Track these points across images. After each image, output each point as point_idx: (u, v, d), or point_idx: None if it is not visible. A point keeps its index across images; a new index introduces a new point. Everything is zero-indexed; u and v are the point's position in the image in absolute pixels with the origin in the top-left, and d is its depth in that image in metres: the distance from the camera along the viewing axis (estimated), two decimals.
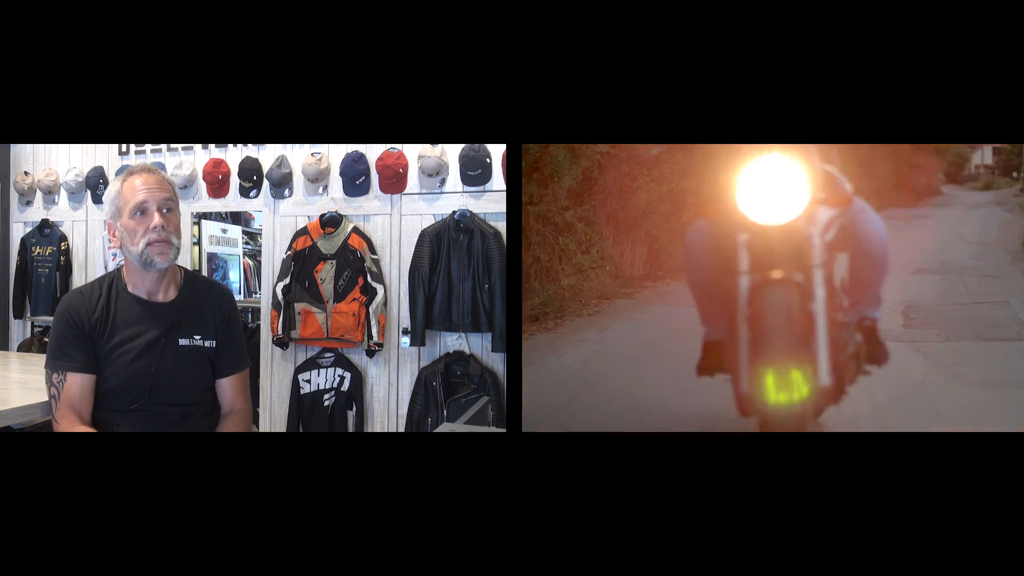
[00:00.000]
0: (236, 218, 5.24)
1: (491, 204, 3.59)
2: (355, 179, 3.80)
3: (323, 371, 3.87)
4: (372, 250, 3.76)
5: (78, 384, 1.89)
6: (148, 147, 4.46)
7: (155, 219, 1.87)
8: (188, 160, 4.27)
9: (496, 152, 3.56)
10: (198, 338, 1.98)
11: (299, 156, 3.95)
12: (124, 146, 4.56)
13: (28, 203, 4.88)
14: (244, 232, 5.36)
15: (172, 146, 4.38)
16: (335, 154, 3.89)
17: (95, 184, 4.57)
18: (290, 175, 3.95)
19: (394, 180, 3.73)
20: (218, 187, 4.16)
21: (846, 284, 1.96)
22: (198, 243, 4.77)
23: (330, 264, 3.76)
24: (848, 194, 1.83)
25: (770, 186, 1.68)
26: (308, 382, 3.89)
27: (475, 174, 3.57)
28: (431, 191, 3.71)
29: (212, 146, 4.23)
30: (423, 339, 3.61)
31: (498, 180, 3.57)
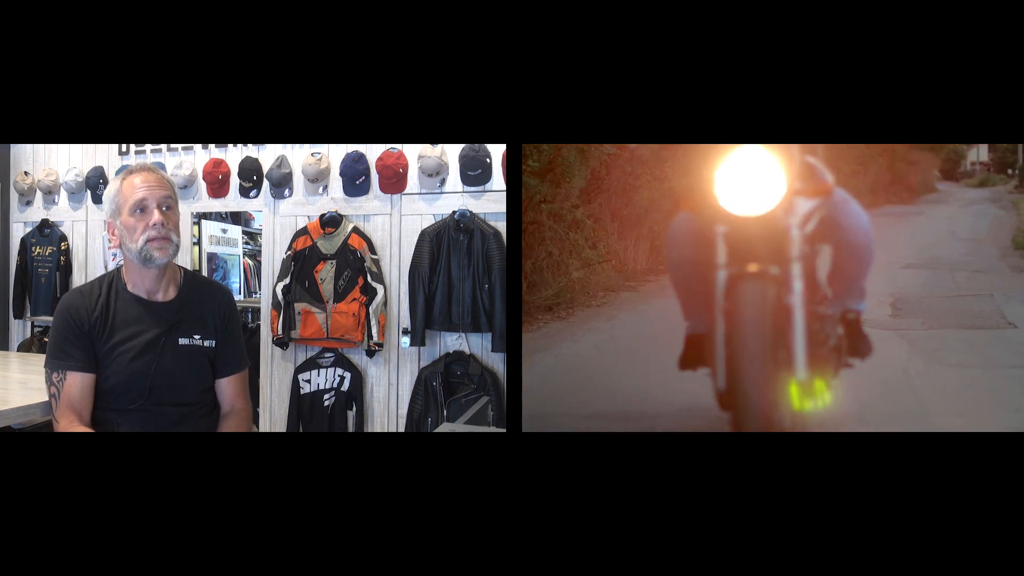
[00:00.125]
0: (236, 218, 5.24)
1: (491, 204, 3.59)
2: (355, 179, 3.80)
3: (323, 371, 3.87)
4: (372, 250, 3.76)
5: (78, 383, 1.89)
6: (148, 147, 4.46)
7: (155, 216, 1.88)
8: (188, 160, 4.27)
9: (496, 152, 3.56)
10: (198, 338, 1.98)
11: (299, 156, 3.95)
12: (124, 146, 4.56)
13: (28, 203, 4.88)
14: (244, 232, 5.36)
15: (172, 146, 4.38)
16: (335, 154, 3.89)
17: (95, 184, 4.57)
18: (290, 175, 3.95)
19: (394, 180, 3.73)
20: (218, 187, 4.16)
21: (830, 276, 1.96)
22: (198, 243, 4.77)
23: (330, 264, 3.76)
24: (827, 184, 1.82)
25: (747, 177, 1.67)
26: (308, 382, 3.89)
27: (475, 174, 3.57)
28: (431, 191, 3.71)
29: (212, 146, 4.23)
30: (423, 339, 3.61)
31: (498, 180, 3.57)
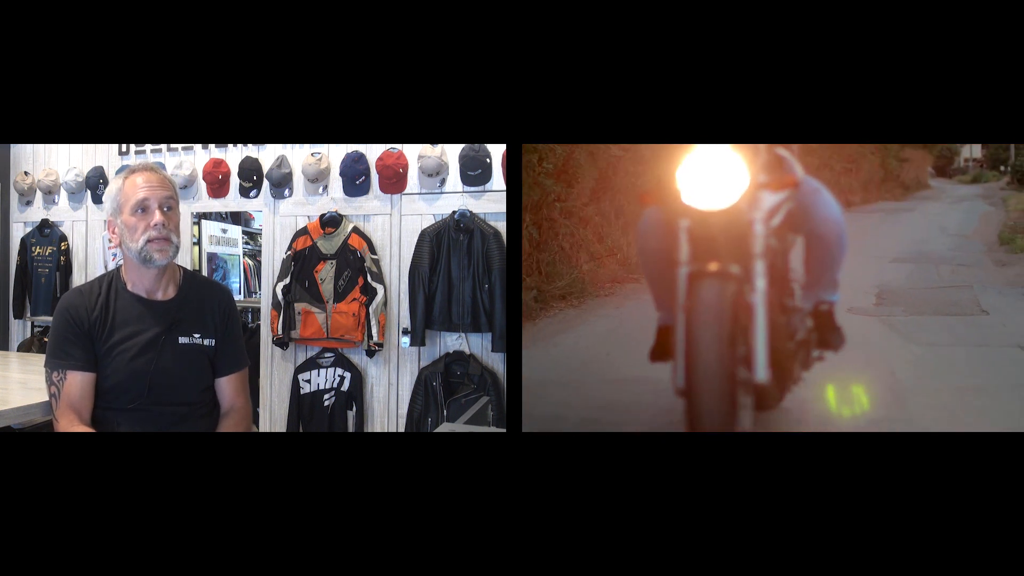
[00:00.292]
0: (236, 218, 5.24)
1: (491, 204, 3.59)
2: (355, 179, 3.80)
3: (323, 371, 3.87)
4: (372, 250, 3.76)
5: (78, 382, 1.89)
6: (148, 147, 4.46)
7: (156, 217, 1.88)
8: (188, 160, 4.27)
9: (496, 152, 3.56)
10: (197, 337, 1.98)
11: (299, 156, 3.95)
12: (124, 146, 4.55)
13: (28, 203, 4.88)
14: (244, 232, 5.36)
15: (172, 146, 4.38)
16: (335, 154, 3.89)
17: (95, 184, 4.57)
18: (290, 175, 3.95)
19: (394, 180, 3.73)
20: (218, 187, 4.16)
21: (803, 267, 1.94)
22: (198, 243, 4.77)
23: (330, 264, 3.76)
24: (792, 177, 1.79)
25: (709, 171, 1.64)
26: (308, 382, 3.89)
27: (475, 174, 3.57)
28: (431, 191, 3.71)
29: (212, 146, 4.23)
30: (423, 339, 3.61)
31: (498, 180, 3.57)
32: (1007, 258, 5.55)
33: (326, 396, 3.85)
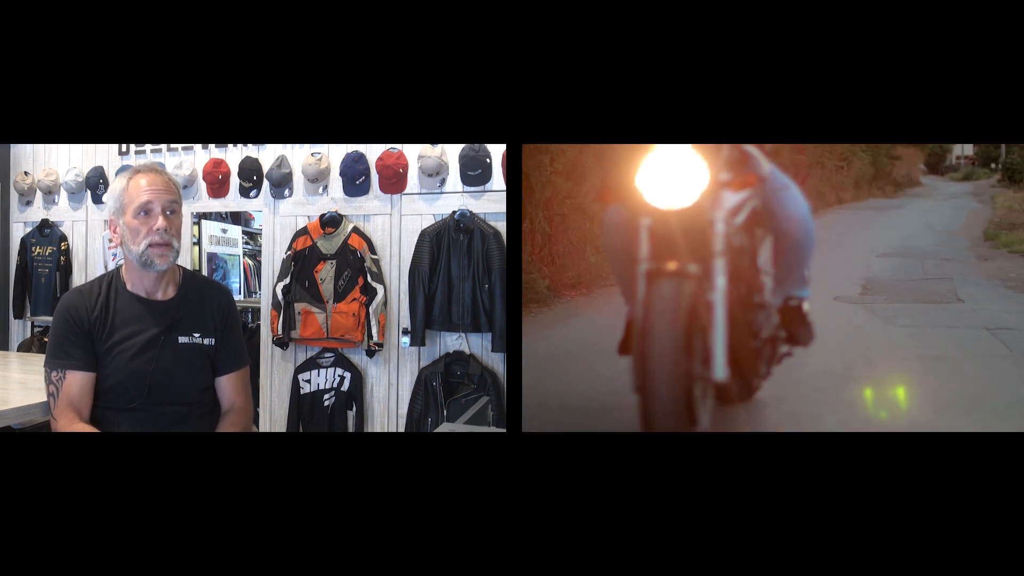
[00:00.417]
0: (236, 218, 5.24)
1: (491, 204, 3.59)
2: (355, 179, 3.80)
3: (323, 371, 3.87)
4: (372, 250, 3.76)
5: (78, 382, 1.89)
6: (148, 147, 4.46)
7: (159, 221, 1.88)
8: (188, 160, 4.27)
9: (496, 152, 3.56)
10: (197, 336, 1.98)
11: (299, 156, 3.95)
12: (124, 146, 4.55)
13: (28, 203, 4.88)
14: (244, 232, 5.36)
15: (172, 146, 4.38)
16: (335, 154, 3.89)
17: (95, 184, 4.57)
18: (290, 175, 3.95)
19: (394, 180, 3.74)
20: (218, 187, 4.16)
21: (772, 263, 1.93)
22: (198, 243, 4.77)
23: (330, 264, 3.76)
24: (753, 175, 1.77)
25: (669, 169, 1.63)
26: (308, 382, 3.89)
27: (475, 174, 3.57)
28: (431, 191, 3.71)
29: (212, 146, 4.23)
30: (423, 339, 3.61)
31: (498, 180, 3.57)
32: (990, 253, 5.81)
33: (326, 396, 3.85)
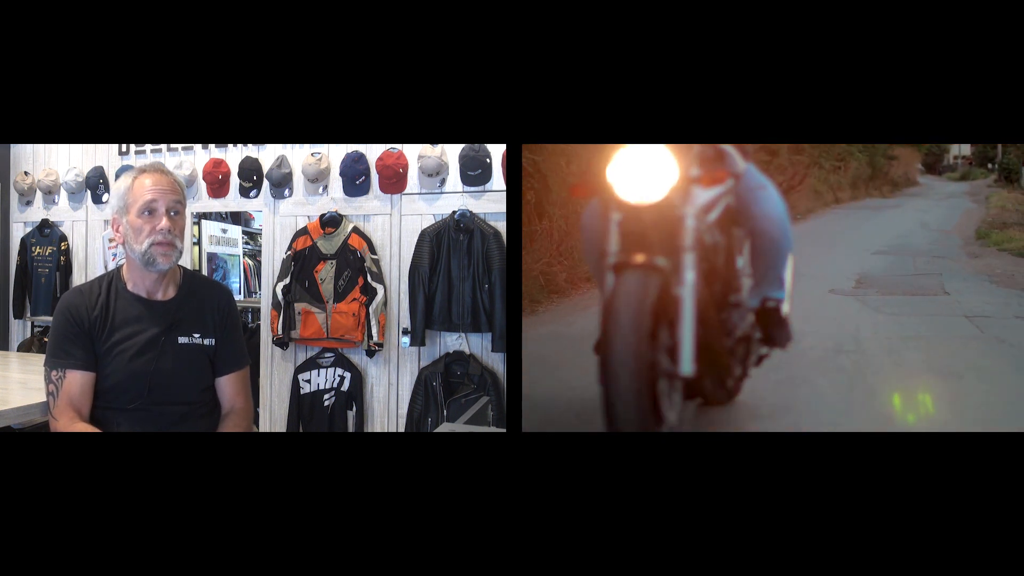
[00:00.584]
0: (236, 218, 5.24)
1: (491, 204, 3.59)
2: (355, 179, 3.80)
3: (323, 371, 3.87)
4: (372, 250, 3.76)
5: (78, 381, 1.89)
6: (148, 147, 4.46)
7: (163, 222, 1.88)
8: (188, 160, 4.27)
9: (496, 152, 3.56)
10: (197, 336, 1.98)
11: (299, 156, 3.95)
12: (124, 146, 4.55)
13: (28, 203, 4.88)
14: (244, 232, 5.36)
15: (172, 146, 4.38)
16: (335, 154, 3.89)
17: (95, 184, 4.57)
18: (290, 175, 3.95)
19: (394, 180, 3.74)
20: (218, 187, 4.16)
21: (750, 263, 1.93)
22: (198, 243, 4.78)
23: (330, 264, 3.76)
24: (724, 172, 1.75)
25: (638, 163, 1.62)
26: (308, 382, 3.89)
27: (475, 174, 3.57)
28: (431, 191, 3.71)
29: (212, 146, 4.23)
30: (423, 339, 3.61)
31: (498, 180, 3.57)
32: (980, 251, 6.02)
33: (326, 396, 3.85)
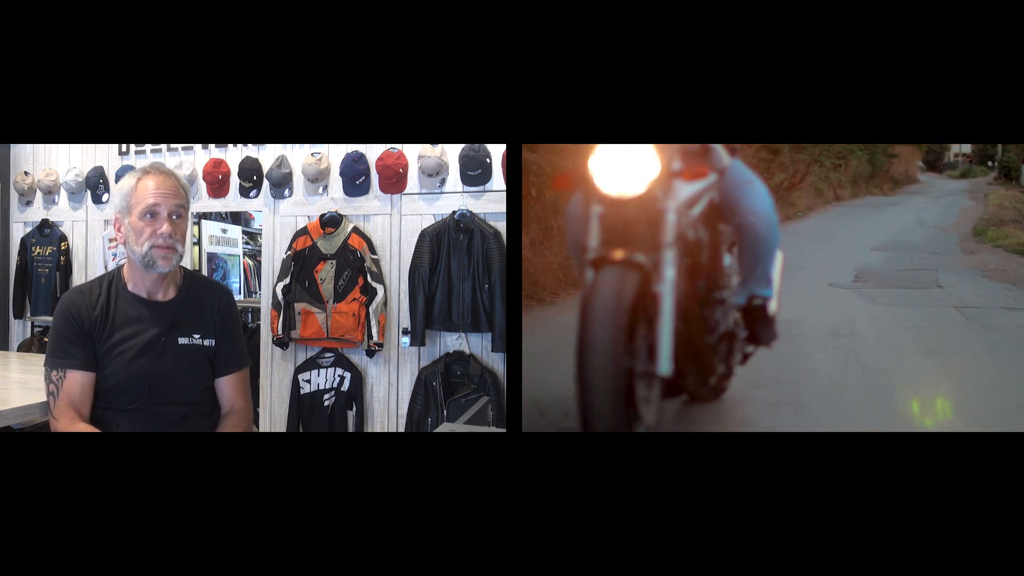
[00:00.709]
0: (236, 218, 5.24)
1: (491, 204, 3.59)
2: (355, 179, 3.80)
3: (323, 371, 3.87)
4: (372, 250, 3.76)
5: (78, 381, 1.89)
6: (148, 147, 4.46)
7: (164, 226, 1.88)
8: (188, 160, 4.27)
9: (496, 152, 3.56)
10: (197, 337, 1.98)
11: (299, 156, 3.95)
12: (124, 146, 4.55)
13: (28, 203, 4.88)
14: (244, 232, 5.36)
15: (172, 146, 4.38)
16: (335, 154, 3.89)
17: (95, 184, 4.57)
18: (290, 175, 3.95)
19: (394, 180, 3.74)
20: (218, 187, 4.16)
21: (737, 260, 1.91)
22: (198, 243, 4.78)
23: (330, 264, 3.76)
24: (705, 167, 1.70)
25: (620, 156, 1.59)
26: (308, 382, 3.89)
27: (475, 174, 3.57)
28: (431, 191, 3.71)
29: (212, 146, 4.23)
30: (423, 339, 3.61)
31: (498, 180, 3.57)
32: (976, 248, 6.22)
33: (326, 396, 3.85)
